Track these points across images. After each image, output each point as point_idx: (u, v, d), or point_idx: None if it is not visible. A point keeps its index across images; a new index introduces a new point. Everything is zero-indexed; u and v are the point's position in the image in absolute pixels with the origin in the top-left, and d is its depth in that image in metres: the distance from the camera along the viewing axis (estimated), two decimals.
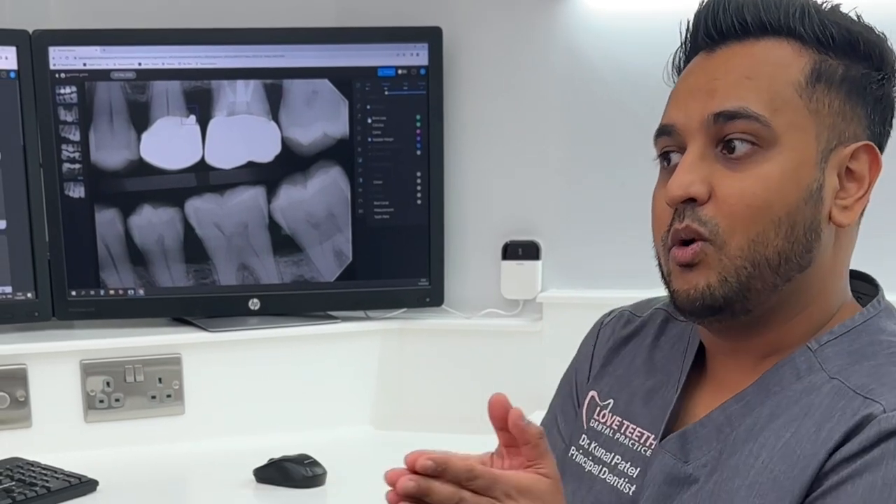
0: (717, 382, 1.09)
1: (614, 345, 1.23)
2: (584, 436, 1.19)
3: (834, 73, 1.01)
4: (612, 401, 1.17)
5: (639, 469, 1.10)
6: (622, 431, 1.14)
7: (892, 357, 1.00)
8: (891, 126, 1.07)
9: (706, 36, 1.05)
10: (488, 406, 0.92)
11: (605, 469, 1.14)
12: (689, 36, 1.08)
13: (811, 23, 1.01)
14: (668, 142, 1.05)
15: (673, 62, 1.12)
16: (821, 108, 1.00)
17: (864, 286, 1.11)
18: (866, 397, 0.96)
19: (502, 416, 0.91)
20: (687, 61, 1.09)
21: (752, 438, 1.01)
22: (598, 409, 1.19)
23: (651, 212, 1.08)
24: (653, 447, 1.10)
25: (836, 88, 1.01)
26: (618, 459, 1.13)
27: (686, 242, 1.02)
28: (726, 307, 1.01)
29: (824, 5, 1.04)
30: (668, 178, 1.04)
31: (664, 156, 1.07)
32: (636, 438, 1.12)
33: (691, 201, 1.00)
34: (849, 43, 1.02)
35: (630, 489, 1.10)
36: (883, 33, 1.04)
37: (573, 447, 1.20)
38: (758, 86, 1.00)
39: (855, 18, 1.04)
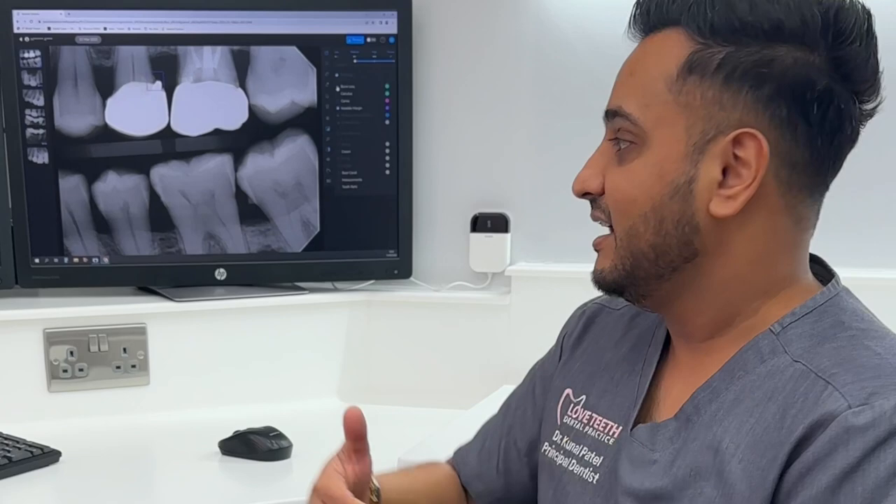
0: (680, 367, 1.10)
1: (579, 337, 1.25)
2: (557, 431, 1.20)
3: (709, 63, 0.98)
4: (584, 397, 1.19)
5: (602, 458, 1.11)
6: (591, 424, 1.15)
7: (852, 339, 0.99)
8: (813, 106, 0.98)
9: (633, 29, 1.06)
10: (344, 420, 1.13)
11: (573, 461, 1.15)
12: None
13: (696, 12, 0.98)
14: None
15: None
16: (691, 100, 0.99)
17: (819, 269, 1.09)
18: (828, 381, 0.95)
19: (358, 430, 1.13)
20: None
21: (715, 423, 1.00)
22: (572, 405, 1.20)
23: None
24: (615, 436, 1.11)
25: (710, 78, 0.98)
26: (585, 451, 1.14)
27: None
28: (620, 290, 1.07)
29: None
30: None
31: None
32: (601, 429, 1.13)
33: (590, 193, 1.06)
34: (732, 29, 0.97)
35: (594, 478, 1.11)
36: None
37: (546, 443, 1.22)
38: (636, 83, 1.03)
39: None
